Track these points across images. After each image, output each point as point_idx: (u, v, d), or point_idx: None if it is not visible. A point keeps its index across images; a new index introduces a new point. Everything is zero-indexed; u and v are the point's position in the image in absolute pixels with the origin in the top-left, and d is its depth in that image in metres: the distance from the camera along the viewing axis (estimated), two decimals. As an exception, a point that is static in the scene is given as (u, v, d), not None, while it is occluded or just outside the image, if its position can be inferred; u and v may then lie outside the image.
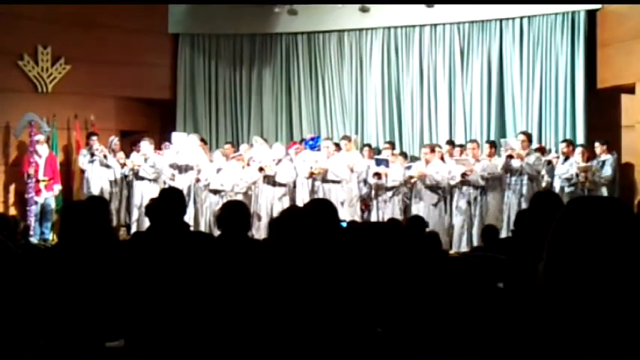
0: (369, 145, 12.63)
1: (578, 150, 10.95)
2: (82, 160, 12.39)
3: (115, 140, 12.65)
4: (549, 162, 11.32)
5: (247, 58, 14.46)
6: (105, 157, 12.26)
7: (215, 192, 11.81)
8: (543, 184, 10.89)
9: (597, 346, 1.82)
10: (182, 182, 11.69)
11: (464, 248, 10.56)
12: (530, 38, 12.60)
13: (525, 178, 10.65)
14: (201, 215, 12.02)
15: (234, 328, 3.57)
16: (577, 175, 10.65)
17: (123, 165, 12.32)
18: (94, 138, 12.40)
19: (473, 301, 3.54)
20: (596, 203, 1.98)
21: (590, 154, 10.99)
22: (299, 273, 3.62)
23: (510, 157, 10.64)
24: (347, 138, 12.27)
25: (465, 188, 10.97)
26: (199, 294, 3.94)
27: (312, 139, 12.60)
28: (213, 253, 4.33)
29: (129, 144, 13.18)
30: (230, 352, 3.56)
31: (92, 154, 12.27)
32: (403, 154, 12.50)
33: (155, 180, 12.14)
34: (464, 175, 10.86)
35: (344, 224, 5.28)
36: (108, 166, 12.29)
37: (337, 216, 4.86)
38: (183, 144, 12.26)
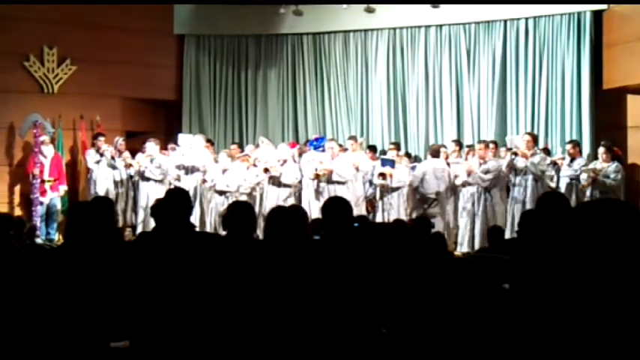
0: (371, 148, 12.61)
1: (601, 150, 10.62)
2: (90, 160, 12.41)
3: (120, 140, 12.66)
4: (555, 163, 11.28)
5: (253, 58, 14.48)
6: (113, 158, 12.29)
7: (221, 193, 11.81)
8: (553, 185, 10.82)
9: (606, 349, 1.81)
10: (188, 183, 11.69)
11: (465, 249, 10.57)
12: (537, 39, 12.58)
13: (530, 178, 10.59)
14: (207, 216, 12.02)
15: (240, 328, 3.56)
16: (581, 176, 10.55)
17: (129, 166, 12.33)
18: (102, 139, 12.43)
19: (478, 302, 3.53)
20: (603, 206, 1.97)
21: (613, 155, 10.64)
22: (304, 273, 3.62)
23: (515, 154, 10.59)
24: (353, 138, 12.25)
25: (466, 189, 10.97)
26: (205, 295, 3.94)
27: (317, 139, 12.59)
28: (219, 253, 4.32)
29: (135, 144, 13.18)
30: (235, 352, 3.56)
31: (101, 155, 12.30)
32: (407, 155, 12.49)
33: (161, 181, 12.14)
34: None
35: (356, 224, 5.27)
36: (114, 167, 12.32)
37: (352, 216, 4.88)
38: (189, 145, 12.27)
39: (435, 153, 11.23)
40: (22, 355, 3.83)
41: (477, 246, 10.40)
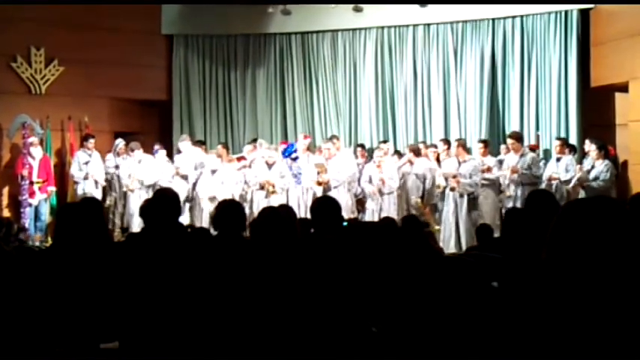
0: (361, 146, 12.67)
1: (593, 147, 10.61)
2: (76, 164, 12.32)
3: (120, 144, 12.54)
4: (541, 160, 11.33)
5: (241, 58, 14.45)
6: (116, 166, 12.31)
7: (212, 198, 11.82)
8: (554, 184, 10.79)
9: (596, 346, 1.82)
10: (179, 187, 11.60)
11: (452, 249, 10.58)
12: (524, 37, 12.61)
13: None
14: (197, 220, 11.98)
15: (229, 328, 3.56)
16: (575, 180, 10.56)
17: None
18: (92, 140, 12.36)
19: (467, 301, 3.55)
20: (592, 204, 1.98)
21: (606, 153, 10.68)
22: (294, 273, 3.62)
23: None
24: (335, 137, 12.30)
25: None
26: (194, 295, 3.94)
27: (288, 146, 12.49)
28: (208, 253, 4.32)
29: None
30: (225, 352, 3.56)
31: (89, 155, 12.27)
32: (397, 153, 12.51)
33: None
34: (452, 189, 10.89)
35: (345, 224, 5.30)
36: (117, 167, 12.31)
37: (340, 215, 4.90)
38: (183, 155, 12.31)
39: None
40: (11, 356, 3.82)
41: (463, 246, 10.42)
